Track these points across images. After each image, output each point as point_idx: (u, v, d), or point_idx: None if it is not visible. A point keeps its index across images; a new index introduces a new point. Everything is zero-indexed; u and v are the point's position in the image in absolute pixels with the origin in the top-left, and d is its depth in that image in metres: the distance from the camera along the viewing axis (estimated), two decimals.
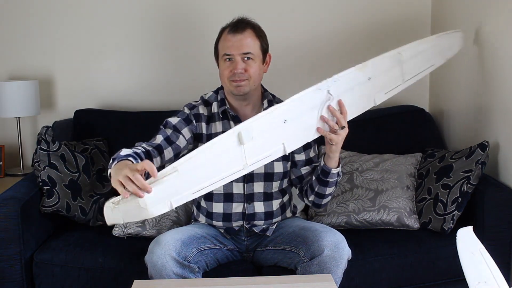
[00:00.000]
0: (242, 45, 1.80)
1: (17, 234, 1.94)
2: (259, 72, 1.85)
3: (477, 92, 2.34)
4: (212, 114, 1.91)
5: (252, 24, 1.86)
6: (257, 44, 1.83)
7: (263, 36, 1.87)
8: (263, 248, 1.91)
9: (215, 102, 1.92)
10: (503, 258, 2.02)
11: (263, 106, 1.91)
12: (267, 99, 1.92)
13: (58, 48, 2.72)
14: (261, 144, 1.55)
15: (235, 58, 1.80)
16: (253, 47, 1.82)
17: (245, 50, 1.80)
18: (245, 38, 1.81)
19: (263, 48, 1.85)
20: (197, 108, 1.91)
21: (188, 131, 1.86)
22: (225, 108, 1.89)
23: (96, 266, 1.97)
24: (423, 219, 2.14)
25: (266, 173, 1.90)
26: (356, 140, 2.51)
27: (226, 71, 1.82)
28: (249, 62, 1.81)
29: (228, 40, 1.81)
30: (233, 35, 1.81)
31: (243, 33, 1.81)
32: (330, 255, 1.67)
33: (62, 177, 2.18)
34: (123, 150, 1.61)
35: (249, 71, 1.81)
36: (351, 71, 1.71)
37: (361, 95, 1.74)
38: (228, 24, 1.86)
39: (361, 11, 2.75)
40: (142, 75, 2.76)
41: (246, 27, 1.82)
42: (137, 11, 2.71)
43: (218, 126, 1.89)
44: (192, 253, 1.73)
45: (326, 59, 2.75)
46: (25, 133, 2.75)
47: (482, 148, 2.08)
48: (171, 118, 1.88)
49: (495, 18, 2.16)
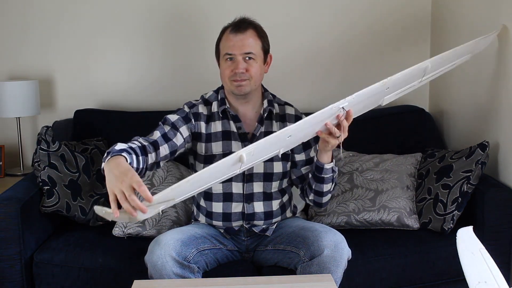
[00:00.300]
0: (244, 45, 1.80)
1: (17, 234, 1.94)
2: (260, 72, 1.86)
3: (477, 92, 2.34)
4: (212, 113, 1.91)
5: (254, 24, 1.86)
6: (259, 44, 1.84)
7: (265, 36, 1.87)
8: (263, 248, 1.91)
9: (215, 101, 1.92)
10: (503, 258, 2.02)
11: (263, 106, 1.91)
12: (267, 99, 1.92)
13: (58, 48, 2.72)
14: (259, 154, 1.51)
15: (237, 57, 1.80)
16: (254, 47, 1.82)
17: (247, 50, 1.80)
18: (247, 38, 1.81)
19: (264, 48, 1.86)
20: (197, 107, 1.91)
21: (186, 129, 1.85)
22: (225, 108, 1.89)
23: (96, 266, 1.97)
24: (423, 219, 2.14)
25: (266, 173, 1.90)
26: (356, 140, 2.51)
27: (227, 70, 1.82)
28: (250, 62, 1.81)
29: (230, 40, 1.82)
30: (235, 35, 1.81)
31: (245, 33, 1.81)
32: (330, 255, 1.67)
33: (62, 177, 2.18)
34: (118, 144, 1.58)
35: (250, 71, 1.81)
36: (375, 87, 1.54)
37: (373, 100, 1.66)
38: (230, 24, 1.86)
39: (363, 14, 2.75)
40: (142, 75, 2.76)
41: (248, 27, 1.83)
42: (137, 11, 2.71)
43: (218, 126, 1.89)
44: (192, 253, 1.73)
45: (329, 63, 2.77)
46: (25, 133, 2.75)
47: (482, 148, 2.08)
48: (170, 115, 1.87)
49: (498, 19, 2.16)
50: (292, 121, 1.92)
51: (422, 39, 2.78)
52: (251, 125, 1.92)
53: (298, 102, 2.12)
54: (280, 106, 1.97)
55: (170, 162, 2.30)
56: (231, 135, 1.89)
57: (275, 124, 1.92)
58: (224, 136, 1.89)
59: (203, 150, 1.88)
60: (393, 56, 2.76)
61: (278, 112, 1.95)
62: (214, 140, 1.89)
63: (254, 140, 1.85)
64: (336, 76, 2.79)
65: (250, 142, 1.87)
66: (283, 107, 1.97)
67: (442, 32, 2.66)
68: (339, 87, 2.77)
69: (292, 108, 1.98)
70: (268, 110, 1.91)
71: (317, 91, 2.77)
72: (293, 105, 2.00)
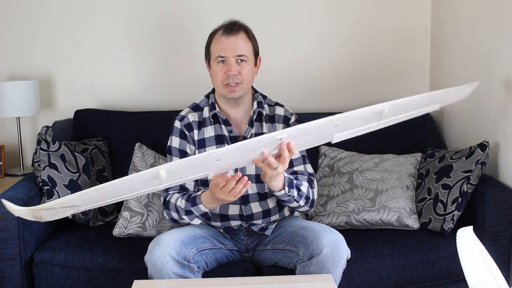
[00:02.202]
0: (237, 47, 1.81)
1: (17, 234, 1.95)
2: (252, 75, 1.87)
3: (477, 92, 2.34)
4: (203, 119, 1.92)
5: (244, 26, 1.88)
6: (250, 46, 1.86)
7: (255, 39, 1.89)
8: (262, 247, 1.91)
9: (206, 106, 1.93)
10: (503, 258, 2.02)
11: (252, 108, 1.91)
12: (257, 101, 1.92)
13: (58, 48, 2.72)
14: (183, 173, 1.40)
15: (229, 60, 1.81)
16: (246, 49, 1.83)
17: (239, 53, 1.82)
18: (239, 40, 1.82)
19: (255, 51, 1.88)
20: (186, 117, 1.92)
21: (190, 145, 1.89)
22: (215, 112, 1.89)
23: (96, 266, 1.97)
24: (423, 219, 2.14)
25: (257, 174, 1.89)
26: (356, 140, 2.50)
27: (220, 73, 1.83)
28: (242, 64, 1.83)
29: (222, 42, 1.83)
30: (227, 37, 1.82)
31: (237, 35, 1.82)
32: (329, 254, 1.67)
33: (62, 177, 2.18)
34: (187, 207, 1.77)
35: (243, 73, 1.82)
36: (321, 123, 1.38)
37: (322, 135, 1.48)
38: (220, 26, 1.87)
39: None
40: (142, 75, 2.76)
41: (239, 29, 1.84)
42: (136, 11, 2.71)
43: (210, 131, 1.90)
44: (192, 252, 1.73)
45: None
46: (25, 133, 2.74)
47: (482, 148, 2.08)
48: (171, 141, 1.90)
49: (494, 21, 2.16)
50: (280, 121, 1.92)
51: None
52: (242, 127, 1.92)
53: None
54: (270, 107, 1.96)
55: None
56: (223, 139, 1.89)
57: (265, 125, 1.92)
58: (218, 140, 1.89)
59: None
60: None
61: (268, 113, 1.94)
62: (208, 145, 1.89)
63: None
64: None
65: None
66: (273, 108, 1.96)
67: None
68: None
69: (281, 109, 1.96)
70: (258, 112, 1.91)
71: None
72: (284, 105, 1.98)
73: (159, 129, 2.47)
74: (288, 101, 2.12)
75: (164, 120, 2.49)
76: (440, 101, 1.64)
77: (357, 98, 2.73)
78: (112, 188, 1.29)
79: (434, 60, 2.74)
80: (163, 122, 2.48)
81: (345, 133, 1.46)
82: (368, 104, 1.37)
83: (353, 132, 1.49)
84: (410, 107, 1.54)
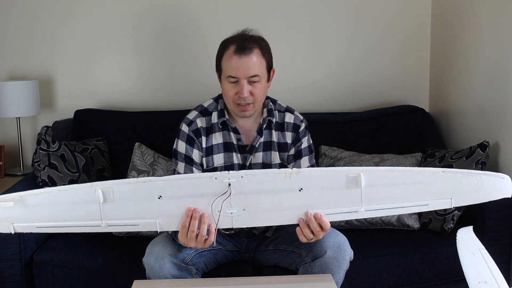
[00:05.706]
0: (249, 68, 1.71)
1: (17, 234, 1.94)
2: (264, 92, 1.78)
3: (477, 92, 2.34)
4: (211, 124, 1.84)
5: (258, 41, 1.76)
6: (263, 64, 1.75)
7: (269, 52, 1.77)
8: (263, 248, 1.90)
9: (215, 111, 1.85)
10: (503, 258, 2.02)
11: (262, 116, 1.85)
12: (267, 108, 1.85)
13: (58, 48, 2.72)
14: (124, 210, 1.36)
15: (241, 81, 1.72)
16: (259, 68, 1.73)
17: (252, 74, 1.71)
18: (252, 61, 1.71)
19: (268, 66, 1.77)
20: (195, 123, 1.83)
21: (197, 152, 1.82)
22: (224, 120, 1.82)
23: (96, 266, 1.97)
24: (423, 219, 2.14)
25: (264, 164, 1.87)
26: (356, 140, 2.52)
27: (231, 92, 1.74)
28: (255, 84, 1.73)
29: (234, 62, 1.71)
30: (239, 58, 1.71)
31: (250, 55, 1.71)
32: (332, 256, 1.66)
33: (62, 177, 2.18)
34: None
35: (255, 93, 1.73)
36: (272, 173, 1.34)
37: (290, 206, 1.38)
38: (232, 39, 1.76)
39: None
40: (142, 75, 2.76)
41: (252, 48, 1.71)
42: (137, 11, 2.71)
43: (218, 137, 1.83)
44: (190, 254, 1.71)
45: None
46: (25, 133, 2.75)
47: (482, 148, 2.08)
48: (177, 145, 1.81)
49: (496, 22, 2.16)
50: (290, 130, 1.86)
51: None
52: (251, 136, 1.85)
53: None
54: (280, 113, 1.88)
55: (170, 162, 2.30)
56: (232, 147, 1.84)
57: (274, 133, 1.86)
58: (226, 148, 1.83)
59: (204, 164, 1.83)
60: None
61: (277, 120, 1.87)
62: (216, 152, 1.83)
63: (254, 151, 1.82)
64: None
65: (249, 153, 1.83)
66: (283, 115, 1.88)
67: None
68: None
69: (291, 116, 1.88)
70: (268, 120, 1.84)
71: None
72: (294, 110, 1.90)
73: (158, 129, 2.47)
74: (294, 104, 2.10)
75: (163, 120, 2.50)
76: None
77: (362, 102, 2.72)
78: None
79: (434, 61, 2.75)
80: (163, 122, 2.49)
81: (322, 209, 1.39)
82: (368, 106, 1.37)
83: (330, 214, 1.40)
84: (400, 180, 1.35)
